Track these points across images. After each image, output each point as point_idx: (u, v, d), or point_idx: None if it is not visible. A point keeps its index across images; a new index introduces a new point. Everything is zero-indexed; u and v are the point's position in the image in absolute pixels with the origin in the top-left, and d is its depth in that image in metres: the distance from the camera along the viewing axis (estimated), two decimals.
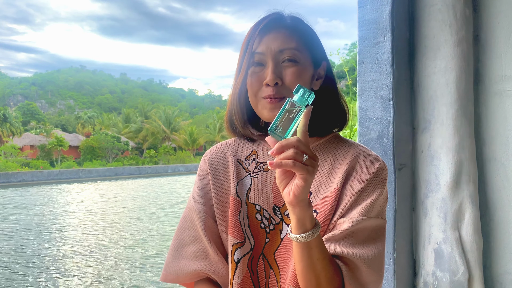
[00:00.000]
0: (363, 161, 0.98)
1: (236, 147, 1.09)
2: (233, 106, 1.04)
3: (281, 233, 0.99)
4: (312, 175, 0.78)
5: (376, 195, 0.95)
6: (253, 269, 1.00)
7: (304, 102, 0.80)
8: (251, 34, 0.99)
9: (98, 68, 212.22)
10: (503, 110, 1.78)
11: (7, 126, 46.46)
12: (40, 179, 32.44)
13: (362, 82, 1.89)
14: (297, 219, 0.82)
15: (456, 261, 1.73)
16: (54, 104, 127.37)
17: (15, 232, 14.19)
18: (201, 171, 1.09)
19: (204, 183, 1.07)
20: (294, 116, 0.80)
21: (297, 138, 0.78)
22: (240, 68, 1.01)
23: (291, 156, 0.76)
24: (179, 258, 1.05)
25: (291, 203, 0.80)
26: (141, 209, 18.93)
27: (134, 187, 29.78)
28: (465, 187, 1.75)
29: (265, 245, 1.00)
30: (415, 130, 1.89)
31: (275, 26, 0.98)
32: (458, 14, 1.76)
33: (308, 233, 0.83)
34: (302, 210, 0.81)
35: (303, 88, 0.81)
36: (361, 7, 1.89)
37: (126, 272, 9.60)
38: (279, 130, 0.80)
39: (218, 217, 1.03)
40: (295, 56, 0.96)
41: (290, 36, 0.97)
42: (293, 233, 0.84)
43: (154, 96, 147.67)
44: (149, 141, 57.14)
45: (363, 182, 0.95)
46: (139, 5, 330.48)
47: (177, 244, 1.07)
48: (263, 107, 0.97)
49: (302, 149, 0.78)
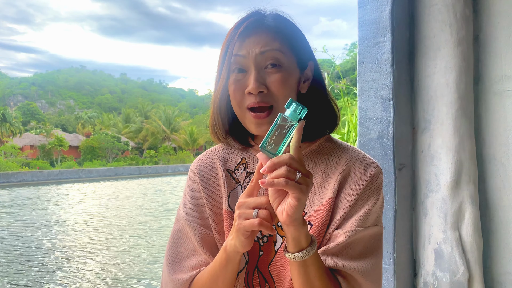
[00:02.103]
0: (357, 168, 0.95)
1: (225, 155, 1.04)
2: (214, 115, 1.00)
3: (275, 245, 0.95)
4: (305, 194, 0.75)
5: (372, 203, 0.92)
6: (249, 284, 0.96)
7: (297, 117, 0.77)
8: (231, 37, 0.93)
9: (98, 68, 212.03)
10: (503, 110, 1.78)
11: (7, 126, 46.48)
12: (40, 179, 32.43)
13: (362, 82, 1.89)
14: (292, 238, 0.80)
15: (456, 261, 1.73)
16: (54, 104, 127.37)
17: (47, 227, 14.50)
18: (192, 183, 1.03)
19: (196, 195, 1.01)
20: (286, 132, 0.77)
21: (289, 155, 0.75)
22: (220, 74, 0.95)
23: (283, 174, 0.73)
24: (179, 273, 0.98)
25: (284, 222, 0.77)
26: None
27: (151, 185, 30.12)
28: (465, 187, 1.75)
29: (259, 258, 0.96)
30: (415, 130, 1.89)
31: (256, 28, 0.92)
32: (458, 14, 1.76)
33: (304, 252, 0.80)
34: (297, 229, 0.79)
35: (295, 102, 0.77)
36: (361, 7, 1.89)
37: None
38: (270, 147, 0.76)
39: (214, 230, 0.98)
40: (278, 59, 0.91)
41: (272, 38, 0.91)
42: (288, 251, 0.82)
43: (154, 96, 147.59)
44: (149, 141, 57.14)
45: (357, 191, 0.92)
46: (139, 5, 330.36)
47: (173, 259, 1.00)
48: (250, 122, 0.92)
49: (295, 166, 0.74)
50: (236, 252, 0.86)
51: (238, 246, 0.83)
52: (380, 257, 0.94)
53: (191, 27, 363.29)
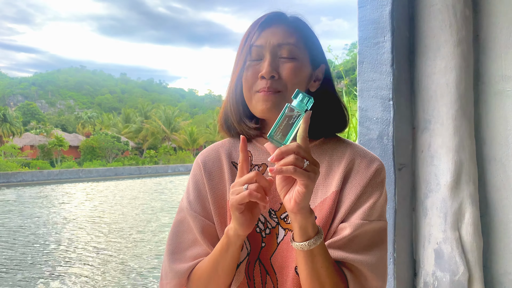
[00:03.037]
0: (360, 162, 0.97)
1: (230, 148, 1.06)
2: (229, 100, 1.02)
3: (277, 238, 0.96)
4: (313, 181, 0.77)
5: (376, 197, 0.93)
6: (250, 274, 0.97)
7: (303, 107, 0.79)
8: (251, 28, 0.98)
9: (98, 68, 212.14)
10: (503, 110, 1.78)
11: (7, 126, 46.45)
12: (40, 179, 32.42)
13: (362, 82, 1.89)
14: (299, 227, 0.81)
15: (456, 261, 1.73)
16: (54, 104, 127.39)
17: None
18: (196, 174, 1.05)
19: (199, 186, 1.03)
20: (293, 121, 0.78)
21: (297, 144, 0.77)
22: (237, 61, 0.99)
23: (291, 162, 0.75)
24: (179, 263, 0.99)
25: (292, 210, 0.79)
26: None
27: (153, 184, 30.43)
28: (465, 187, 1.75)
29: (261, 249, 0.97)
30: (415, 130, 1.89)
31: (276, 21, 0.97)
32: (458, 14, 1.76)
33: (311, 241, 0.81)
34: (304, 217, 0.80)
35: (302, 93, 0.79)
36: (361, 7, 1.89)
37: None
38: (278, 136, 0.78)
39: (217, 221, 0.99)
40: (293, 52, 0.95)
41: (290, 32, 0.96)
42: (295, 241, 0.83)
43: (154, 96, 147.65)
44: (149, 141, 57.14)
45: (361, 184, 0.94)
46: (139, 5, 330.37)
47: (174, 249, 1.01)
48: (257, 100, 0.95)
49: (302, 155, 0.76)
50: (237, 236, 0.87)
51: (237, 227, 0.85)
52: (385, 252, 0.94)
53: (191, 27, 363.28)
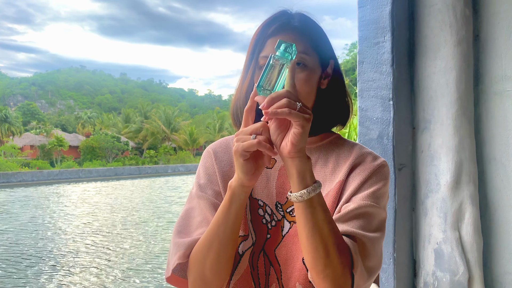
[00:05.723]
0: (366, 158, 0.99)
1: None
2: (239, 102, 1.03)
3: (283, 230, 0.98)
4: (308, 122, 0.77)
5: (380, 185, 0.95)
6: (254, 264, 0.98)
7: (288, 56, 0.80)
8: (259, 36, 0.98)
9: (98, 68, 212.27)
10: (503, 110, 1.78)
11: (7, 126, 46.46)
12: (40, 179, 32.42)
13: (362, 82, 1.89)
14: (297, 173, 0.80)
15: (456, 261, 1.73)
16: (54, 104, 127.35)
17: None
18: (206, 161, 1.06)
19: (210, 172, 1.04)
20: (279, 70, 0.80)
21: (286, 90, 0.77)
22: (247, 70, 1.00)
23: (284, 104, 0.75)
24: (185, 237, 0.96)
25: (289, 154, 0.79)
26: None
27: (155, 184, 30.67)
28: (465, 187, 1.75)
29: (266, 241, 0.99)
30: (415, 130, 1.89)
31: (284, 29, 0.97)
32: (458, 14, 1.76)
33: (309, 188, 0.80)
34: (302, 161, 0.80)
35: (284, 42, 0.81)
36: (361, 7, 1.89)
37: None
38: (267, 85, 0.80)
39: None
40: (303, 60, 0.95)
41: (299, 39, 0.96)
42: (294, 192, 0.82)
43: (154, 96, 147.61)
44: (149, 141, 57.11)
45: (366, 173, 0.96)
46: (139, 5, 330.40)
47: (181, 229, 0.98)
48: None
49: (293, 98, 0.77)
50: (241, 187, 0.86)
51: (242, 175, 0.84)
52: (383, 239, 0.95)
53: (191, 27, 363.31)
